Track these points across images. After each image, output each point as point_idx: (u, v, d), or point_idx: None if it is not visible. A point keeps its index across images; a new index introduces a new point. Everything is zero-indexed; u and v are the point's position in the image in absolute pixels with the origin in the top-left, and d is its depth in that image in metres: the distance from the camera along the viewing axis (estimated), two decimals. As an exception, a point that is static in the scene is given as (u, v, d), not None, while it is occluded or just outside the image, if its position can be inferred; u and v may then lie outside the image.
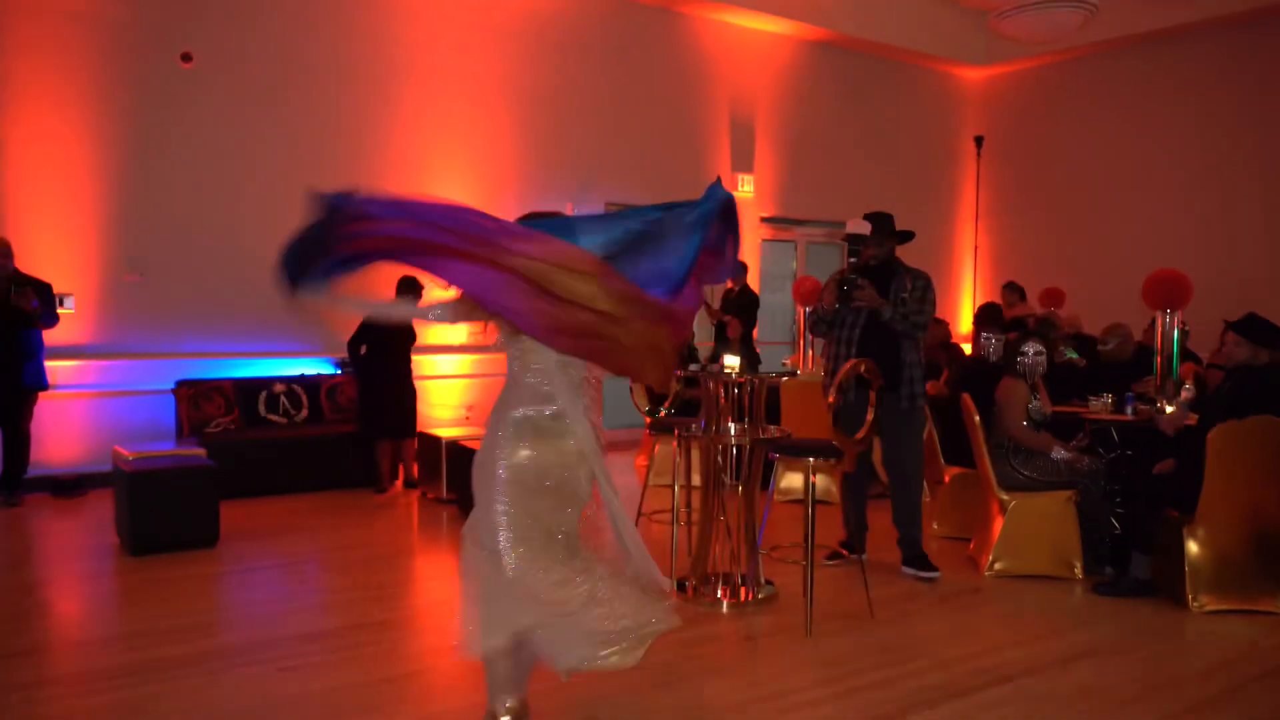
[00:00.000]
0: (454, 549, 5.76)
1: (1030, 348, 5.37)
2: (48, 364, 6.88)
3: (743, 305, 8.94)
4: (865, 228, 5.19)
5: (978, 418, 5.28)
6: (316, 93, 8.01)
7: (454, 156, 8.69)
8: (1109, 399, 5.87)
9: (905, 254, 5.41)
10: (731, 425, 4.67)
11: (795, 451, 4.44)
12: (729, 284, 9.14)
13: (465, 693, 3.59)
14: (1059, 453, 5.19)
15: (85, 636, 4.27)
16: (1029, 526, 5.16)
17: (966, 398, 5.36)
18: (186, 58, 7.45)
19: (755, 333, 9.24)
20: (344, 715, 3.41)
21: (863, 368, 4.51)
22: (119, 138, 7.26)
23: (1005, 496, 5.19)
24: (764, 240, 10.93)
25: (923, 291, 5.11)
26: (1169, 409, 5.37)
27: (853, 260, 5.29)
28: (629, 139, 9.70)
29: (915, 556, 5.18)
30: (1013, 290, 10.08)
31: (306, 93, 7.97)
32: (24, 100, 6.95)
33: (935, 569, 5.13)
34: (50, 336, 6.89)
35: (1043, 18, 7.67)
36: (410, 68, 8.44)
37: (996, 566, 5.19)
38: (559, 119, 9.26)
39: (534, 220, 3.00)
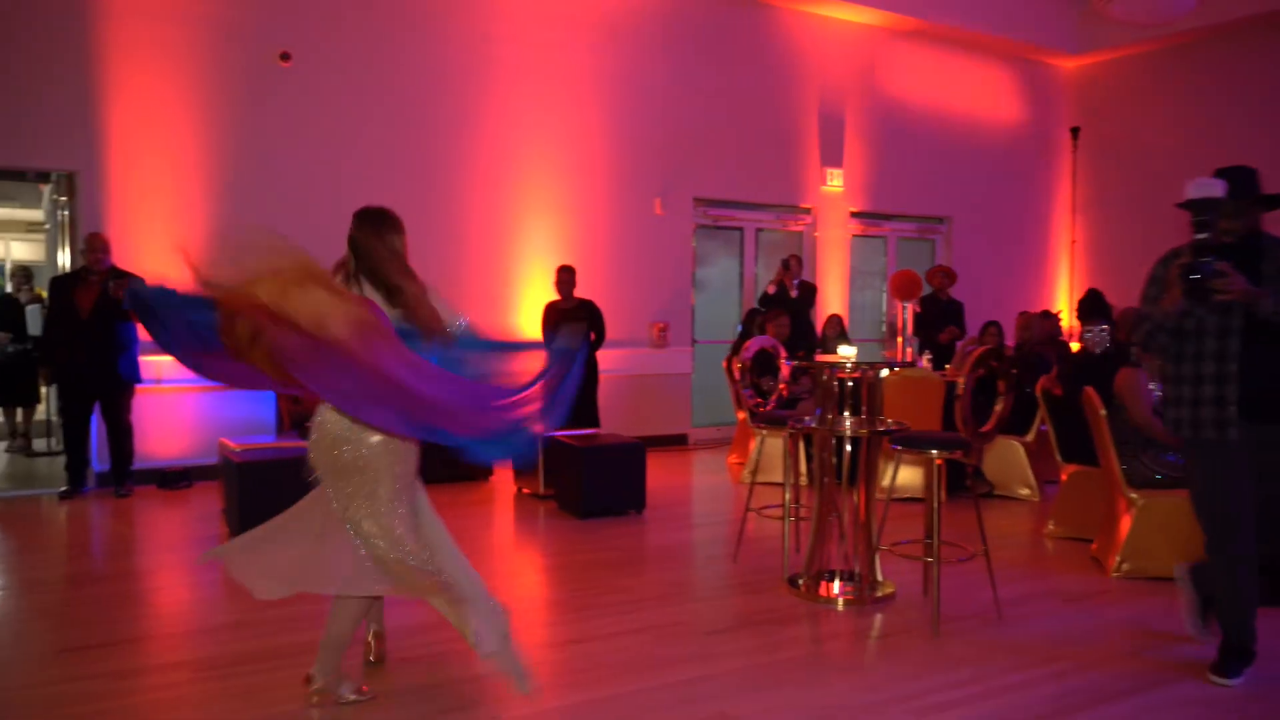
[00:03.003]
0: (551, 543, 5.70)
1: None
2: (153, 359, 7.00)
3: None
4: (1216, 188, 3.51)
5: (1104, 412, 5.04)
6: (410, 88, 8.05)
7: (543, 151, 8.66)
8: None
9: (987, 244, 5.13)
10: (847, 416, 4.52)
11: (918, 444, 4.28)
12: (771, 289, 8.97)
13: (576, 688, 3.52)
14: (1193, 448, 4.92)
15: (197, 625, 4.29)
16: (1159, 526, 4.90)
17: (1091, 392, 5.12)
18: (285, 57, 7.53)
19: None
20: (456, 709, 3.35)
21: (993, 361, 4.31)
22: (220, 135, 7.37)
23: (1134, 495, 4.94)
24: (854, 236, 10.71)
25: None
26: None
27: (1202, 238, 3.45)
28: (717, 132, 9.58)
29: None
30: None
31: (400, 88, 8.01)
32: (132, 99, 7.08)
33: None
34: (156, 331, 7.01)
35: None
36: (501, 62, 8.43)
37: (1124, 568, 4.95)
38: (647, 113, 9.18)
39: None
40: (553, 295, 7.94)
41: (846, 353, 4.58)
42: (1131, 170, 11.54)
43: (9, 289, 9.20)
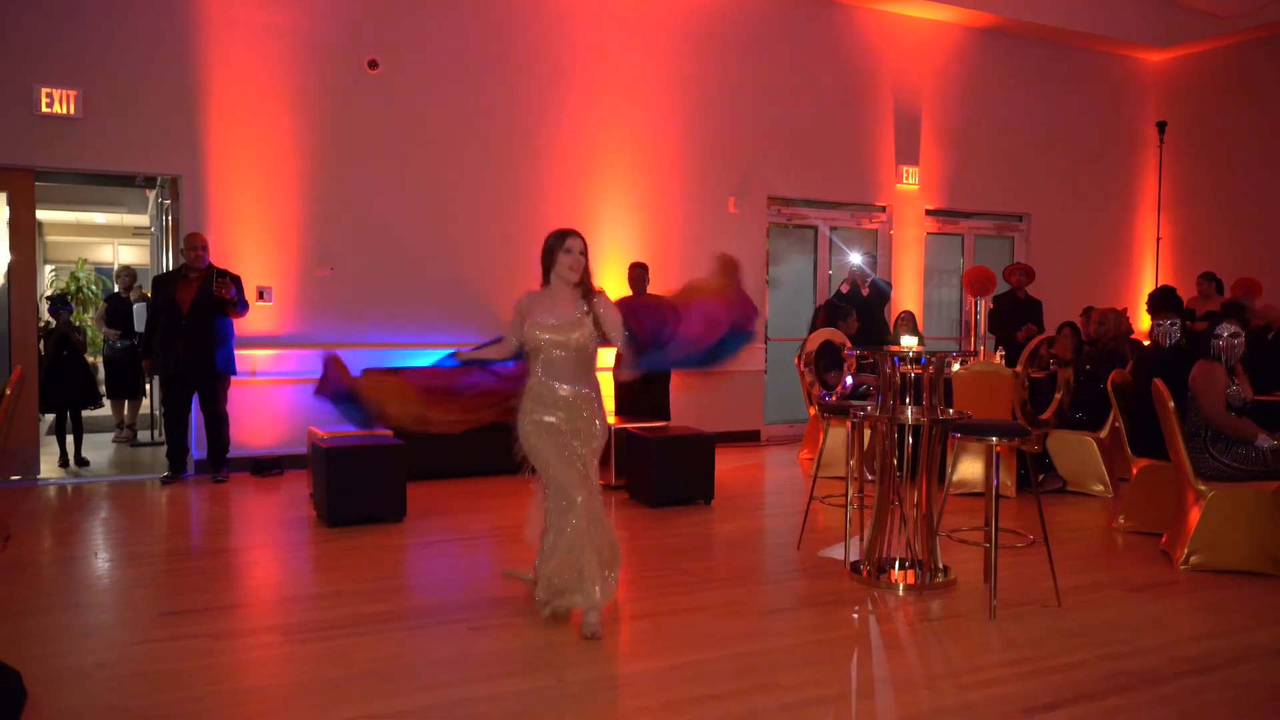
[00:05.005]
0: (621, 529, 5.86)
1: (1226, 329, 5.09)
2: (250, 352, 7.39)
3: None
4: None
5: (1172, 404, 5.01)
6: (490, 94, 8.32)
7: (619, 150, 8.86)
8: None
9: (1068, 242, 5.14)
10: (909, 405, 4.59)
11: (978, 431, 4.33)
12: (844, 288, 9.01)
13: (637, 658, 3.67)
14: (1264, 440, 4.88)
15: (285, 595, 4.57)
16: (1229, 519, 4.86)
17: (1159, 384, 5.09)
18: (373, 64, 7.87)
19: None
20: (536, 669, 3.54)
21: (1045, 348, 4.35)
22: (311, 138, 7.74)
23: (1203, 487, 4.91)
24: (929, 234, 10.67)
25: None
26: None
27: None
28: (791, 131, 9.66)
29: None
30: (1209, 281, 9.47)
31: (481, 94, 8.29)
32: (230, 106, 7.48)
33: None
34: (252, 326, 7.41)
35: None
36: (578, 65, 8.66)
37: (1192, 560, 4.91)
38: (721, 112, 9.31)
39: None
40: (626, 292, 8.12)
41: (909, 342, 4.65)
42: (1220, 166, 11.25)
43: (117, 289, 9.74)
